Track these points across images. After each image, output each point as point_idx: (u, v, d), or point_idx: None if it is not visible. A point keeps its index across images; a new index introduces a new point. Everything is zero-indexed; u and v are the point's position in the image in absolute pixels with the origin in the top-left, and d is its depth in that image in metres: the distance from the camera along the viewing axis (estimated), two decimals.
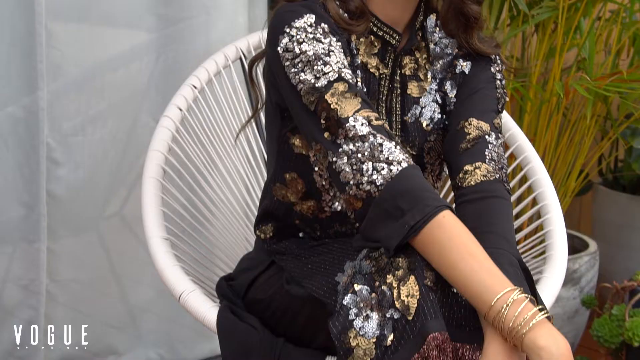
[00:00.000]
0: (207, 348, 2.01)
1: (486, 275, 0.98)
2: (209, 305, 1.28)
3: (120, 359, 1.95)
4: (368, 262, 1.06)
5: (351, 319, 1.03)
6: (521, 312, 0.95)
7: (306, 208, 1.25)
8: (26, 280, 1.79)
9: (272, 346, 1.24)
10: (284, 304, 1.26)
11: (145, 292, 1.96)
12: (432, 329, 0.99)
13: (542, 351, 0.93)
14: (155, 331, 1.98)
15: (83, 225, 1.86)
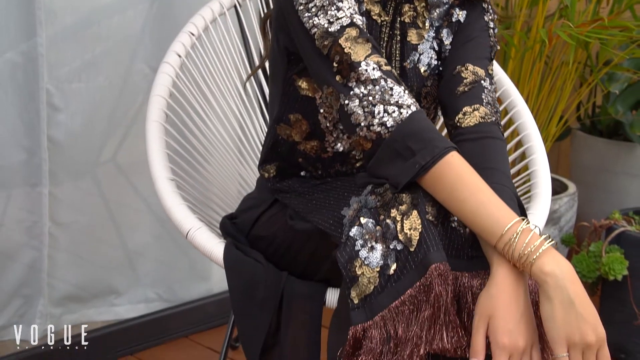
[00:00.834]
0: (203, 288, 2.09)
1: (494, 208, 1.06)
2: (215, 242, 1.35)
3: (119, 298, 2.02)
4: (373, 197, 1.13)
5: (357, 250, 1.11)
6: (529, 241, 1.03)
7: (309, 148, 1.31)
8: (29, 222, 1.84)
9: (277, 279, 1.32)
10: (288, 239, 1.33)
11: (141, 237, 2.02)
12: (434, 259, 1.07)
13: (548, 276, 1.02)
14: (153, 273, 2.05)
15: (83, 171, 1.91)
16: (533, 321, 1.06)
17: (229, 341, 1.48)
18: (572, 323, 1.02)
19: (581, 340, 1.02)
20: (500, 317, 1.04)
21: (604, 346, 1.05)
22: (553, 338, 1.02)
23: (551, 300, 1.02)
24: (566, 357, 1.03)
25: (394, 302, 1.08)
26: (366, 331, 1.09)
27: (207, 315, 2.05)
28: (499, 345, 1.03)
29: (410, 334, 1.07)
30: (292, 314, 1.31)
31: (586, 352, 1.03)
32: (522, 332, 1.04)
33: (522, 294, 1.06)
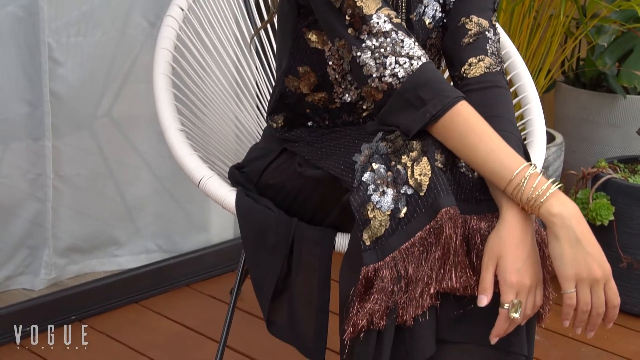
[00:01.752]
0: (202, 239, 2.14)
1: (503, 154, 1.12)
2: (227, 190, 1.40)
3: (121, 249, 2.07)
4: (384, 143, 1.18)
5: (369, 194, 1.16)
6: (537, 185, 1.09)
7: (317, 99, 1.36)
8: (32, 175, 1.88)
9: (287, 225, 1.37)
10: (297, 186, 1.38)
11: (140, 190, 2.06)
12: (443, 203, 1.12)
13: (556, 217, 1.08)
14: (152, 225, 2.10)
15: (84, 124, 1.94)
16: (539, 261, 1.12)
17: (239, 287, 1.54)
18: (579, 260, 1.08)
19: (589, 276, 1.09)
20: (509, 257, 1.10)
21: (610, 280, 1.11)
22: (562, 275, 1.09)
23: (559, 239, 1.08)
24: (573, 293, 1.10)
25: (405, 243, 1.14)
26: (377, 271, 1.15)
27: (207, 265, 2.10)
28: (507, 283, 1.09)
29: (421, 273, 1.14)
30: (302, 259, 1.37)
31: (594, 287, 1.10)
32: (528, 272, 1.10)
33: (530, 235, 1.12)
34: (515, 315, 1.09)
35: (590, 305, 1.10)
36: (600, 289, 1.11)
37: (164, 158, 2.05)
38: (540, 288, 1.13)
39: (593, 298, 1.10)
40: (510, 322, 1.11)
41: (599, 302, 1.11)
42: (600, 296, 1.11)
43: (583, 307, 1.10)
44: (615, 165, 2.06)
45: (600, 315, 1.11)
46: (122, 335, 1.80)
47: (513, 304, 1.09)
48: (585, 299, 1.10)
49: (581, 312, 1.11)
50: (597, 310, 1.11)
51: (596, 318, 1.12)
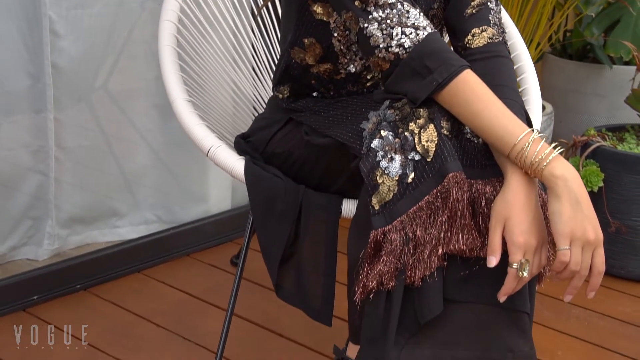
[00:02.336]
0: (200, 209, 2.18)
1: (507, 120, 1.16)
2: (235, 158, 1.44)
3: (121, 220, 2.10)
4: (392, 111, 1.22)
5: (378, 160, 1.20)
6: (540, 149, 1.14)
7: (323, 70, 1.39)
8: (35, 147, 1.90)
9: (295, 192, 1.42)
10: (304, 154, 1.42)
11: (140, 162, 2.09)
12: (450, 168, 1.17)
13: (558, 179, 1.13)
14: (152, 196, 2.13)
15: (85, 97, 1.96)
16: (543, 222, 1.18)
17: (245, 253, 1.58)
18: (576, 220, 1.14)
19: (582, 236, 1.14)
20: (516, 219, 1.15)
21: (601, 247, 1.16)
22: (558, 232, 1.14)
23: (560, 199, 1.14)
24: (567, 251, 1.15)
25: (412, 207, 1.19)
26: (386, 234, 1.19)
27: (206, 235, 2.14)
28: (515, 244, 1.15)
29: (429, 236, 1.19)
30: (310, 224, 1.41)
31: (585, 248, 1.15)
32: (534, 232, 1.15)
33: (534, 198, 1.17)
34: (523, 274, 1.15)
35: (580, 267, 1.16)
36: (589, 252, 1.16)
37: (162, 131, 2.08)
38: (545, 247, 1.18)
39: (582, 261, 1.15)
40: (518, 280, 1.16)
41: (585, 265, 1.15)
42: (587, 259, 1.16)
43: (573, 267, 1.15)
44: (603, 133, 2.12)
45: (583, 278, 1.16)
46: (128, 303, 1.84)
47: (521, 263, 1.14)
48: (577, 258, 1.15)
49: (569, 271, 1.16)
50: (583, 273, 1.16)
51: (578, 281, 1.16)
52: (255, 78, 1.79)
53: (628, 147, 2.03)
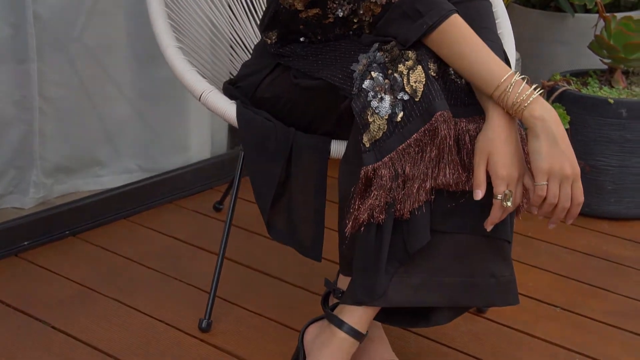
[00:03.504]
0: (181, 158, 2.23)
1: (492, 63, 1.24)
2: (227, 102, 1.49)
3: (103, 169, 2.14)
4: (381, 53, 1.29)
5: (369, 100, 1.27)
6: (522, 90, 1.22)
7: (311, 15, 1.44)
8: (18, 96, 1.92)
9: (286, 133, 1.48)
10: (293, 97, 1.48)
11: (121, 111, 2.12)
12: (438, 107, 1.24)
13: (537, 119, 1.21)
14: (132, 146, 2.17)
15: (67, 47, 1.98)
16: (523, 157, 1.26)
17: (236, 196, 1.64)
18: (554, 156, 1.22)
19: (560, 171, 1.23)
20: (498, 153, 1.23)
21: (578, 180, 1.25)
22: (537, 168, 1.23)
23: (539, 137, 1.22)
24: (544, 185, 1.24)
25: (401, 145, 1.26)
26: (376, 171, 1.27)
27: (187, 183, 2.19)
28: (499, 177, 1.23)
29: (417, 171, 1.26)
30: (300, 164, 1.48)
31: (563, 183, 1.24)
32: (516, 165, 1.24)
33: (514, 134, 1.25)
34: (508, 204, 1.23)
35: (558, 199, 1.25)
36: (568, 186, 1.25)
37: (141, 82, 2.12)
38: (526, 177, 1.27)
39: (561, 193, 1.24)
40: (503, 210, 1.25)
41: (565, 197, 1.24)
42: (567, 192, 1.25)
43: (551, 199, 1.24)
44: (568, 78, 2.21)
45: (565, 209, 1.25)
46: (117, 248, 1.89)
47: (505, 194, 1.23)
48: (554, 192, 1.24)
49: (548, 204, 1.24)
50: (563, 204, 1.25)
51: (561, 212, 1.25)
52: (232, 17, 1.81)
53: (592, 91, 2.13)
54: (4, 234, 1.82)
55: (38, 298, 1.68)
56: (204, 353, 1.52)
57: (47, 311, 1.63)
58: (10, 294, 1.69)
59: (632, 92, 2.11)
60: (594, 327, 1.66)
